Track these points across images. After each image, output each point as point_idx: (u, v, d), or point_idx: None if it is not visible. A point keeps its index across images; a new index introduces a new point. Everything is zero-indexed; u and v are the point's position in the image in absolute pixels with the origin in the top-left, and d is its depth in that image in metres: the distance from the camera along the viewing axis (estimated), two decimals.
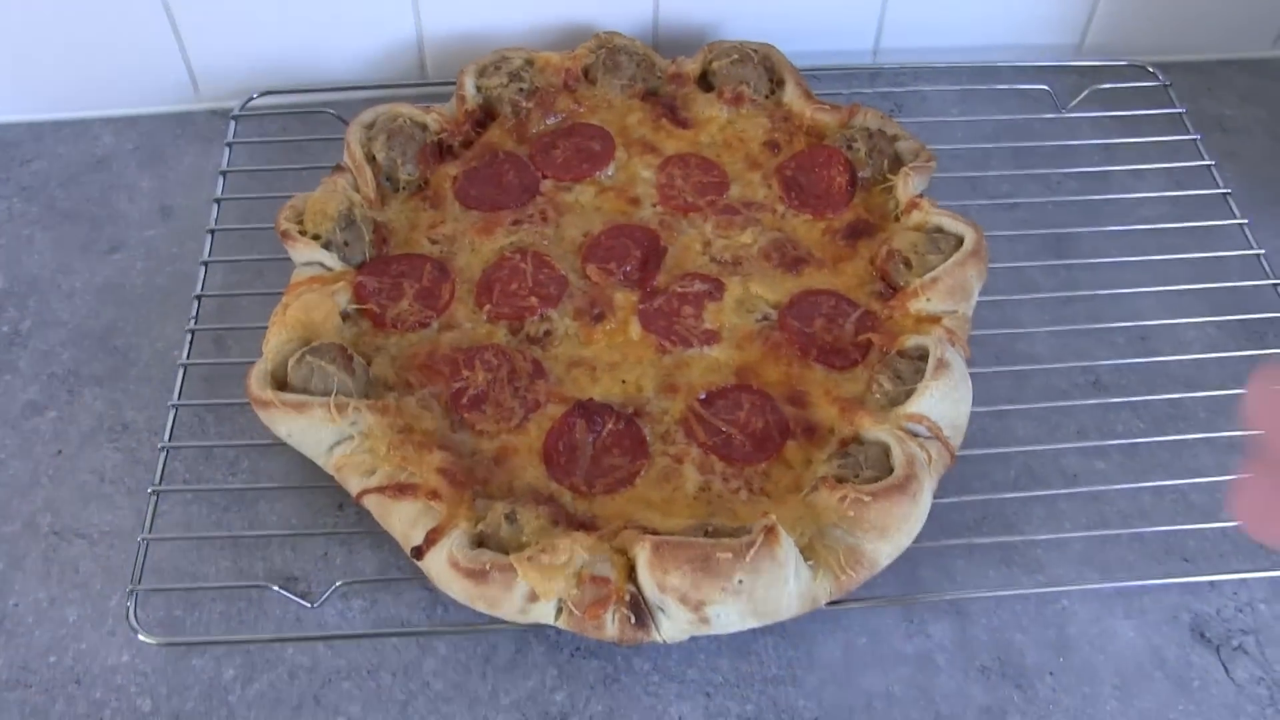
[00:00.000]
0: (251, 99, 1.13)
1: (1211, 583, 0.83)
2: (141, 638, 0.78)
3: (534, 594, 0.72)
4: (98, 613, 0.82)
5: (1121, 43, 1.20)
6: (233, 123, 1.11)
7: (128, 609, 0.79)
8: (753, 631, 0.79)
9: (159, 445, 0.87)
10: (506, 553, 0.74)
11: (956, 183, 1.07)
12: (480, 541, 0.75)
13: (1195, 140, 1.09)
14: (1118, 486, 0.88)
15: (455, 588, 0.74)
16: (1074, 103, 1.13)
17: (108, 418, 0.92)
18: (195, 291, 0.96)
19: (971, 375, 0.85)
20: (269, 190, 1.03)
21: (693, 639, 0.78)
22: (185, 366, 0.92)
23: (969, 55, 1.19)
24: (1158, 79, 1.14)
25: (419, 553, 0.76)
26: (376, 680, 0.78)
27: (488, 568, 0.72)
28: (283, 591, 0.81)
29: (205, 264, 0.99)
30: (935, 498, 0.80)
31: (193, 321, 0.95)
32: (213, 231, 1.01)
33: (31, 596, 0.82)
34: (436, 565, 0.75)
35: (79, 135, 1.15)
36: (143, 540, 0.82)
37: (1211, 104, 1.19)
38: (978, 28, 1.19)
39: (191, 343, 0.93)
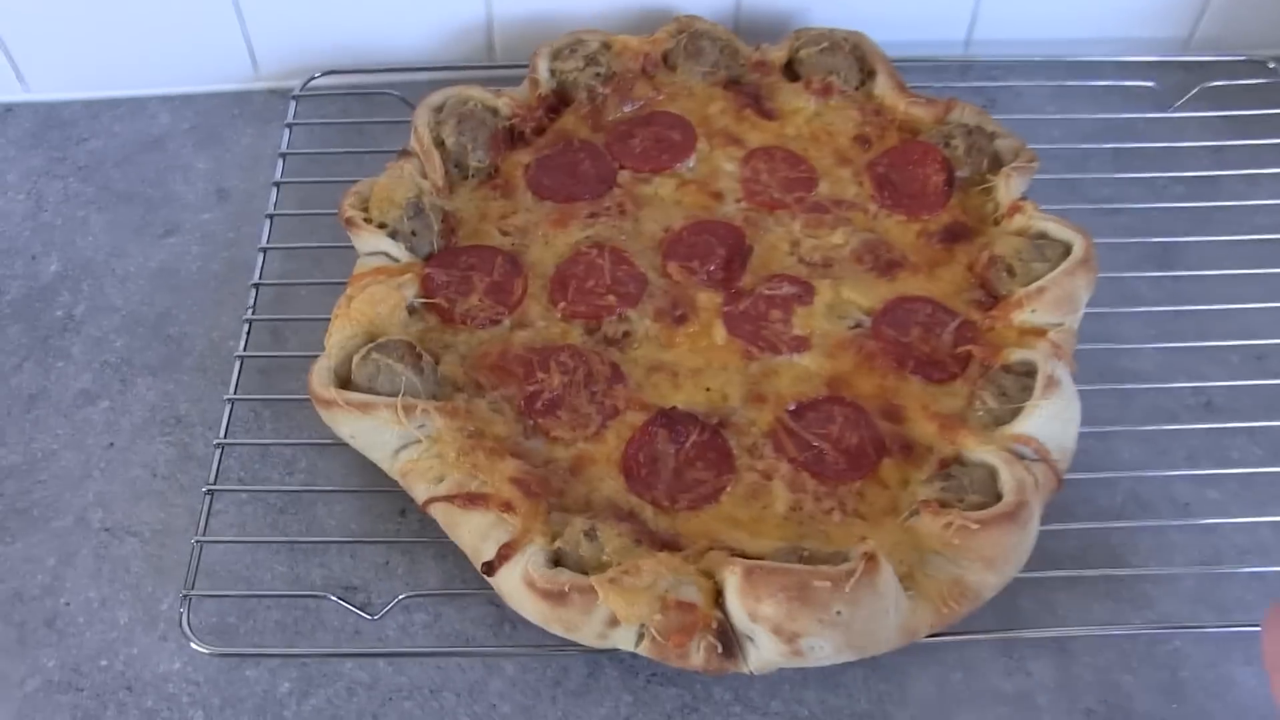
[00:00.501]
0: (312, 79, 1.09)
1: None
2: (195, 646, 0.74)
3: (615, 618, 0.67)
4: (149, 616, 0.78)
5: (1236, 36, 1.13)
6: (293, 103, 1.07)
7: (181, 615, 0.75)
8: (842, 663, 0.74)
9: (214, 441, 0.83)
10: (585, 572, 0.69)
11: (1053, 185, 1.00)
12: (557, 559, 0.70)
13: None
14: (1234, 520, 0.82)
15: (529, 608, 0.69)
16: (1181, 101, 1.07)
17: (160, 409, 0.89)
18: (253, 279, 0.93)
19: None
20: (329, 174, 0.99)
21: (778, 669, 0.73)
22: (242, 359, 0.88)
23: (1068, 49, 1.12)
24: (1277, 75, 1.07)
25: (490, 569, 0.71)
26: (439, 701, 0.74)
27: (567, 589, 0.67)
28: (342, 602, 0.76)
29: (263, 250, 0.94)
30: (1044, 526, 0.74)
31: (250, 311, 0.91)
32: (271, 217, 0.97)
33: (83, 595, 0.79)
34: (510, 583, 0.70)
35: (135, 114, 1.12)
36: (196, 542, 0.78)
37: None
38: (1078, 20, 1.13)
39: (249, 334, 0.89)
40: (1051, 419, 0.76)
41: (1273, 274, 0.94)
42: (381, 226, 0.87)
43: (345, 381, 0.79)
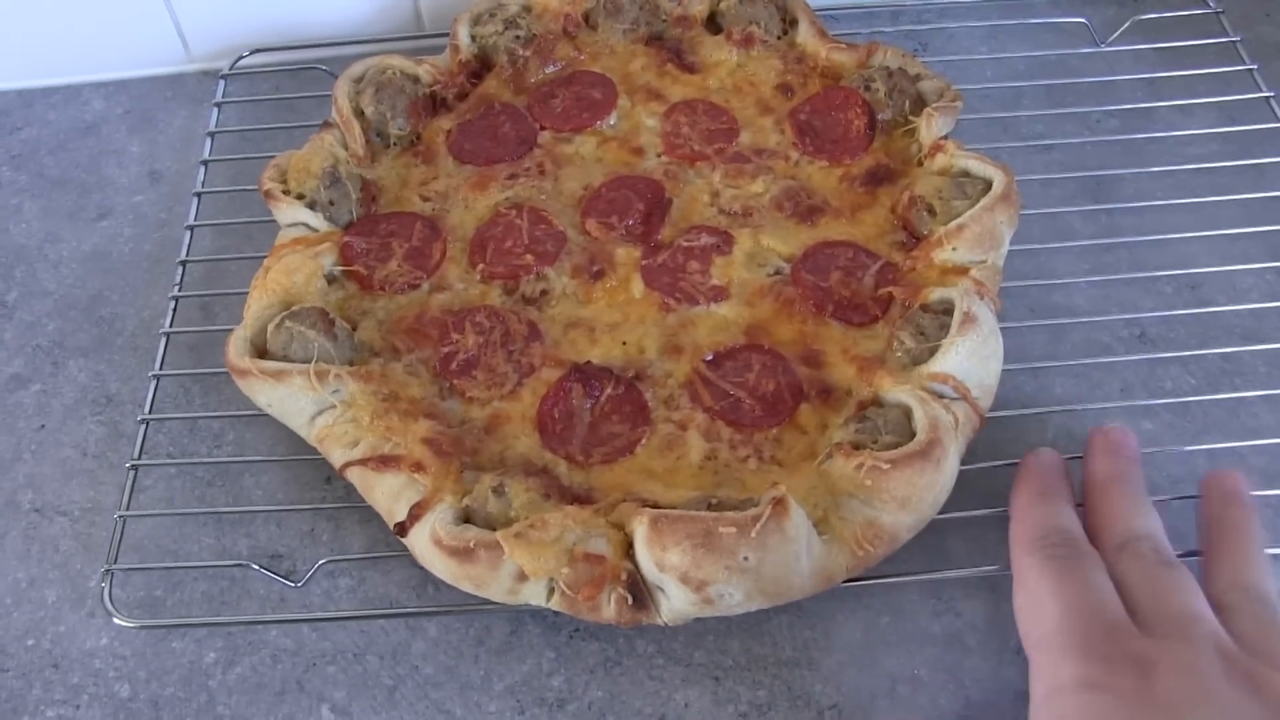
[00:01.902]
0: (241, 57, 1.08)
1: (1276, 555, 0.75)
2: (117, 620, 0.74)
3: (523, 573, 0.67)
4: (77, 594, 0.78)
5: None
6: (221, 82, 1.06)
7: (103, 589, 0.75)
8: (765, 611, 0.73)
9: (139, 418, 0.83)
10: (494, 529, 0.68)
11: (986, 124, 1.00)
12: (467, 517, 0.70)
13: (1251, 70, 1.00)
14: (1168, 448, 0.81)
15: (440, 566, 0.69)
16: (1114, 36, 1.05)
17: (91, 390, 0.89)
18: (180, 257, 0.92)
19: (1003, 330, 0.79)
20: (259, 151, 0.99)
21: (700, 619, 0.73)
22: (168, 335, 0.88)
23: None
24: (1208, 5, 1.06)
25: (402, 529, 0.71)
26: (363, 664, 0.74)
27: (472, 545, 0.67)
28: (265, 571, 0.76)
29: (191, 228, 0.94)
30: (964, 464, 0.74)
31: (177, 288, 0.91)
32: (199, 195, 0.97)
33: (11, 577, 0.79)
34: (420, 543, 0.70)
35: (69, 101, 1.11)
36: (120, 517, 0.78)
37: (1271, 30, 1.09)
38: None
39: (175, 310, 0.90)
40: (969, 356, 0.75)
41: (1205, 203, 0.93)
42: (300, 197, 0.87)
43: (262, 351, 0.79)
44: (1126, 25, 1.05)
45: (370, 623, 0.76)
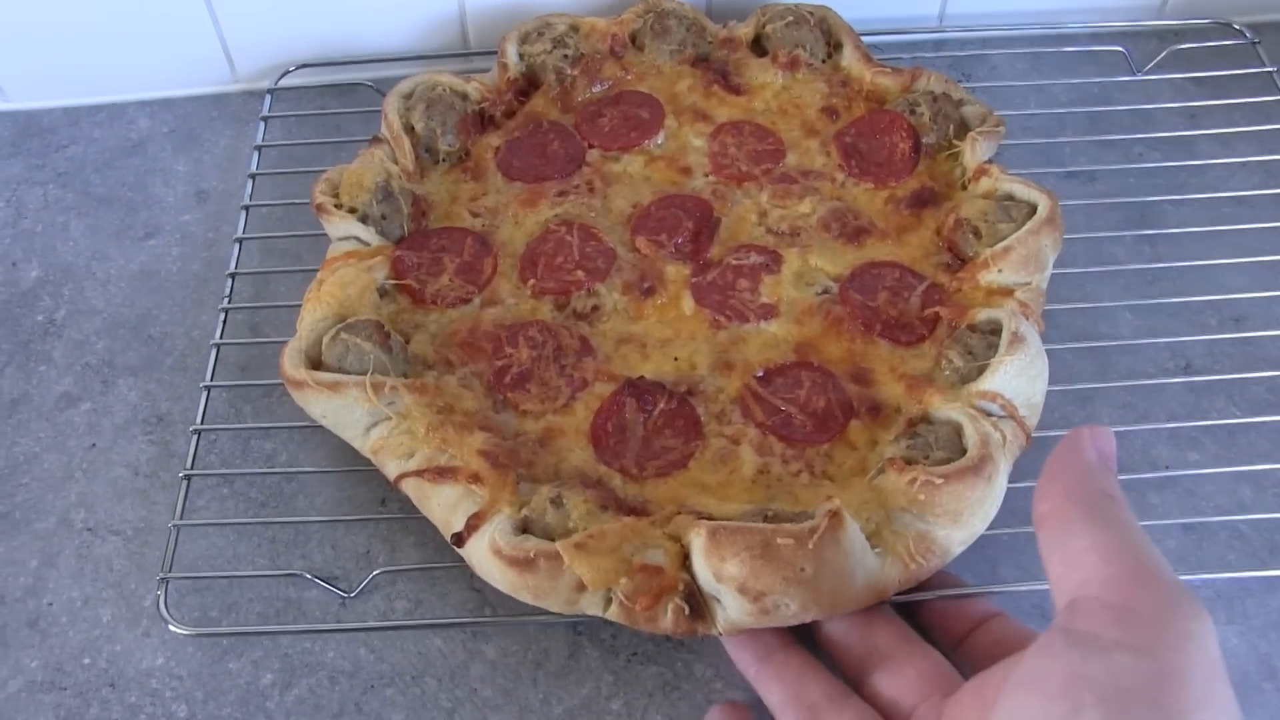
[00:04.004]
0: (287, 72, 1.09)
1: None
2: (173, 628, 0.74)
3: (581, 584, 0.67)
4: (132, 613, 0.78)
5: (1206, 4, 1.12)
6: (268, 97, 1.08)
7: (158, 598, 0.75)
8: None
9: (191, 428, 0.84)
10: (553, 539, 0.69)
11: (1028, 151, 1.01)
12: (525, 527, 0.71)
13: None
14: (1211, 471, 0.82)
15: (498, 577, 0.69)
16: (1151, 65, 1.06)
17: (142, 409, 0.89)
18: (229, 270, 0.93)
19: (1049, 354, 0.79)
20: (306, 166, 1.00)
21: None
22: (218, 346, 0.89)
23: (1042, 18, 1.12)
24: (1244, 37, 1.07)
25: (460, 539, 0.71)
26: (421, 686, 0.74)
27: (532, 555, 0.67)
28: (316, 579, 0.77)
29: (240, 241, 0.95)
30: (1014, 483, 0.74)
31: (226, 300, 0.91)
32: (247, 208, 0.98)
33: (65, 595, 0.79)
34: (478, 553, 0.70)
35: (114, 119, 1.12)
36: (173, 526, 0.78)
37: None
38: None
39: (225, 322, 0.90)
40: (1017, 375, 0.76)
41: (1247, 231, 0.93)
42: (352, 211, 0.88)
43: (316, 363, 0.80)
44: (1163, 55, 1.06)
45: (428, 645, 0.75)
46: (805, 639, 0.69)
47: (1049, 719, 0.49)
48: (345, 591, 0.77)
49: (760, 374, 0.80)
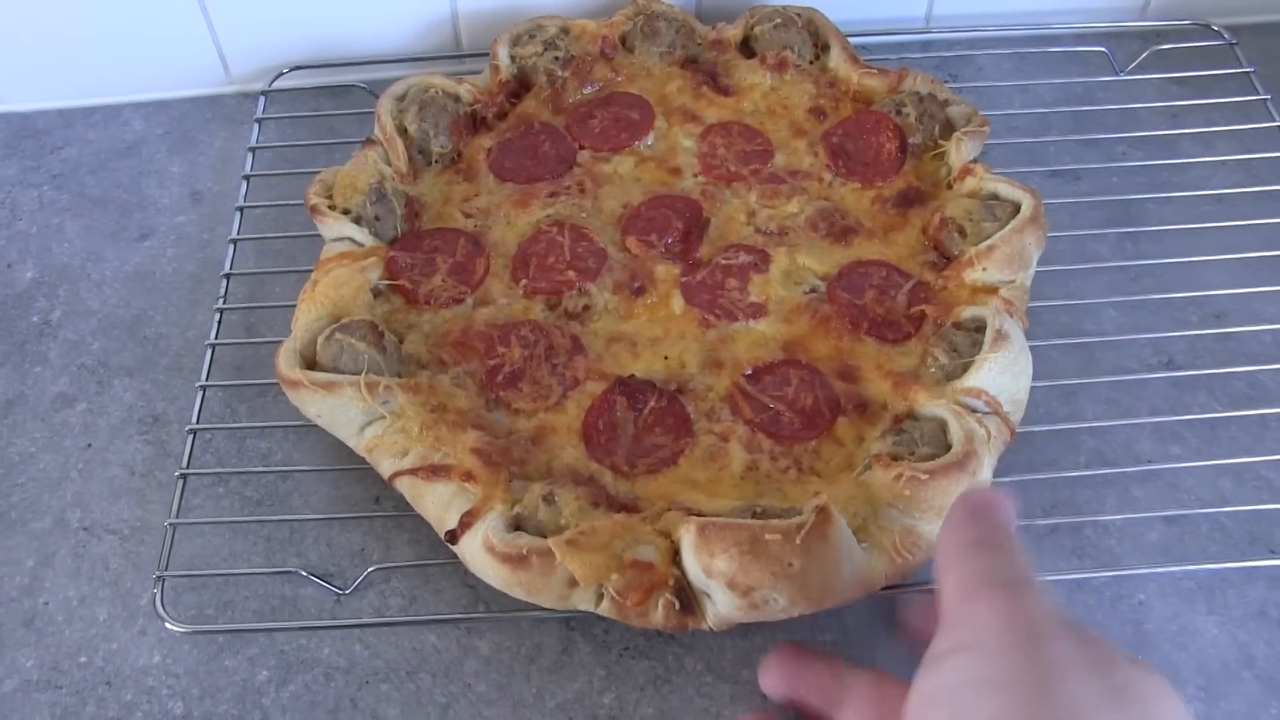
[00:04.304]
0: (281, 75, 1.10)
1: None
2: (169, 626, 0.75)
3: (574, 580, 0.69)
4: (128, 611, 0.79)
5: (1186, 6, 1.13)
6: (261, 99, 1.09)
7: (154, 596, 0.76)
8: (811, 628, 0.75)
9: (186, 428, 0.85)
10: (545, 536, 0.70)
11: (1013, 151, 1.02)
12: (517, 525, 0.72)
13: (1265, 100, 1.03)
14: (1193, 464, 0.83)
15: (491, 573, 0.71)
16: (1133, 65, 1.08)
17: (138, 409, 0.90)
18: (223, 271, 0.94)
19: (1033, 350, 0.81)
20: (299, 168, 1.01)
21: (748, 637, 0.74)
22: (213, 346, 0.90)
23: (1026, 20, 1.14)
24: (1223, 38, 1.09)
25: (453, 537, 0.72)
26: (416, 682, 0.75)
27: (525, 552, 0.69)
28: (311, 576, 0.78)
29: (234, 242, 0.96)
30: (999, 478, 0.76)
31: (221, 301, 0.92)
32: (242, 209, 0.99)
33: (61, 595, 0.80)
34: (471, 550, 0.71)
35: (109, 121, 1.13)
36: (169, 525, 0.79)
37: None
38: None
39: (220, 323, 0.91)
40: (1001, 372, 0.77)
41: (1228, 228, 0.95)
42: (345, 212, 0.89)
43: (311, 363, 0.81)
44: (1145, 55, 1.08)
45: (422, 641, 0.76)
46: None
47: None
48: (340, 589, 0.78)
49: (749, 372, 0.82)
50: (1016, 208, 0.86)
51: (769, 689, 0.69)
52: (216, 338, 0.90)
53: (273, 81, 1.10)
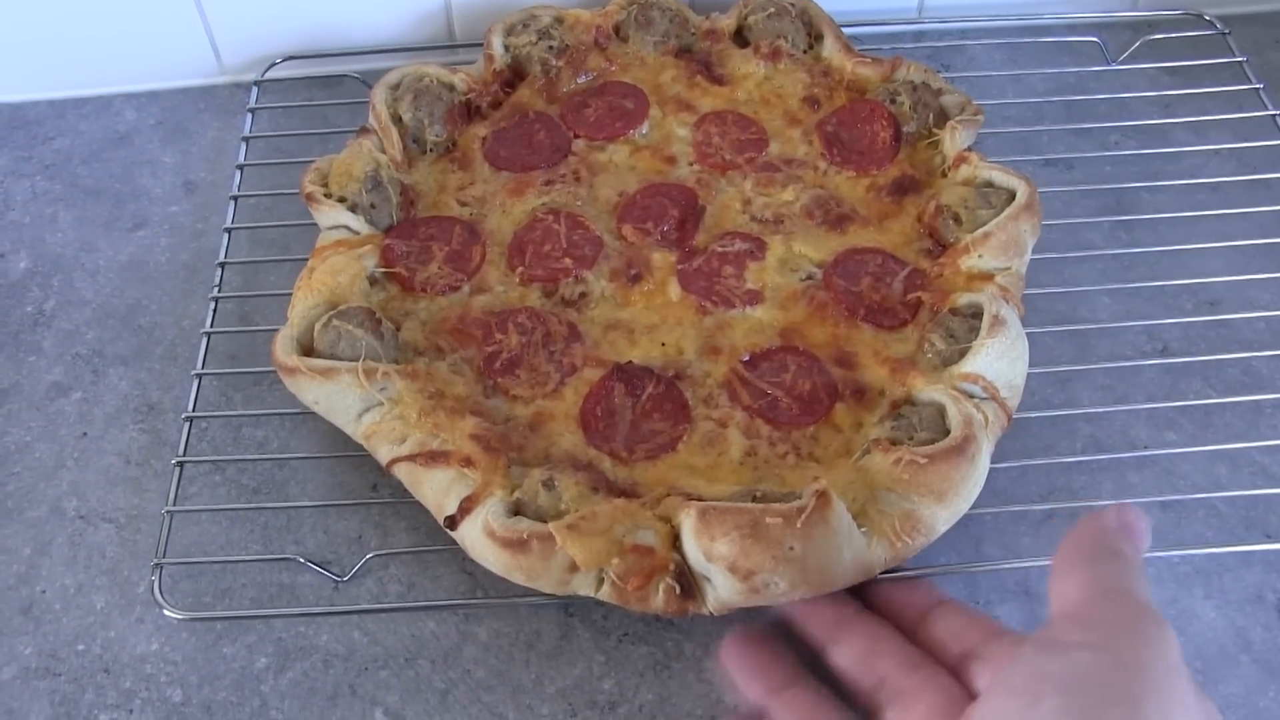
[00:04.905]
0: (274, 65, 1.10)
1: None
2: (167, 613, 0.75)
3: (574, 564, 0.69)
4: (126, 599, 0.79)
5: None
6: (254, 89, 1.08)
7: (152, 584, 0.76)
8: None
9: (182, 416, 0.85)
10: (545, 521, 0.70)
11: (1007, 140, 1.03)
12: (517, 510, 0.72)
13: (1258, 90, 1.04)
14: (1188, 450, 0.83)
15: (491, 558, 0.70)
16: (1125, 55, 1.08)
17: (133, 398, 0.90)
18: (218, 260, 0.94)
19: (1029, 337, 0.81)
20: (293, 157, 1.01)
21: (746, 620, 0.74)
22: (208, 335, 0.89)
23: (1018, 10, 1.14)
24: (1215, 28, 1.09)
25: (453, 522, 0.72)
26: (415, 668, 0.75)
27: (526, 537, 0.69)
28: (310, 564, 0.78)
29: (229, 231, 0.96)
30: (997, 464, 0.76)
31: (216, 290, 0.92)
32: (235, 198, 0.98)
33: (59, 583, 0.80)
34: (471, 535, 0.71)
35: (101, 111, 1.12)
36: (166, 513, 0.79)
37: (1276, 55, 1.12)
38: None
39: (215, 311, 0.91)
40: (998, 357, 0.77)
41: (1221, 216, 0.95)
42: (341, 201, 0.88)
43: (308, 350, 0.80)
44: (1137, 45, 1.08)
45: (421, 627, 0.76)
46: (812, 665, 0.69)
47: (1011, 714, 0.51)
48: (338, 575, 0.78)
49: (746, 358, 0.82)
50: (1011, 195, 0.87)
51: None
52: (212, 326, 0.90)
53: (265, 72, 1.10)
